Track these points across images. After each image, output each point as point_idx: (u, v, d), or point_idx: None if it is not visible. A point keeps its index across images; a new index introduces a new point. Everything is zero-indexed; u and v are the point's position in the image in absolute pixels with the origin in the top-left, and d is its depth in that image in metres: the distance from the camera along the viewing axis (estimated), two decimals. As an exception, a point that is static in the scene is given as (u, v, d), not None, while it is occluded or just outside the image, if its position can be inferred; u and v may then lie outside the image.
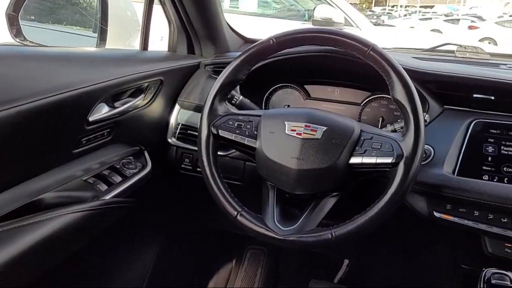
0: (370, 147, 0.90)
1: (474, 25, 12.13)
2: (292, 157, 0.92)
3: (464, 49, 1.44)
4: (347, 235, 0.88)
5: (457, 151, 1.05)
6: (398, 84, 0.90)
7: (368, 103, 1.25)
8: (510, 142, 1.03)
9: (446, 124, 1.10)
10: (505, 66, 1.30)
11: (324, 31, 0.96)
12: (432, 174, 1.02)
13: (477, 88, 1.10)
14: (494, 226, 0.98)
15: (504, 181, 0.99)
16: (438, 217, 1.02)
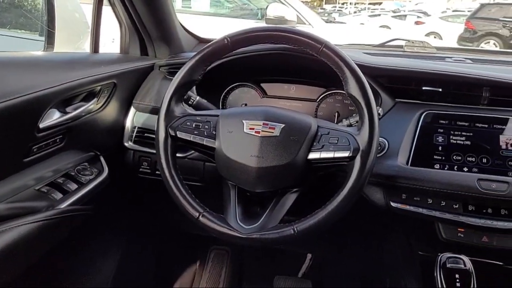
0: (328, 142, 0.92)
1: (420, 20, 12.60)
2: (251, 156, 0.92)
3: (412, 44, 1.50)
4: (309, 229, 0.89)
5: (409, 142, 1.08)
6: (351, 80, 0.92)
7: (323, 99, 1.27)
8: (458, 131, 1.08)
9: (399, 117, 1.14)
10: (450, 59, 1.36)
11: (277, 29, 0.97)
12: (387, 165, 1.05)
13: (426, 80, 1.15)
14: (447, 213, 1.02)
15: (454, 169, 1.04)
16: (395, 206, 1.05)
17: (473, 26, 10.84)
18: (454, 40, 10.96)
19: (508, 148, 1.04)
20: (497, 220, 0.99)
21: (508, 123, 1.08)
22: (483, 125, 1.09)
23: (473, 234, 1.04)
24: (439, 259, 0.90)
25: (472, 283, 0.86)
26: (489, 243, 1.03)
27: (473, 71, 1.16)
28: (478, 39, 10.81)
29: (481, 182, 0.99)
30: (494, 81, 1.10)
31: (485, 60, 1.41)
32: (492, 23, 10.80)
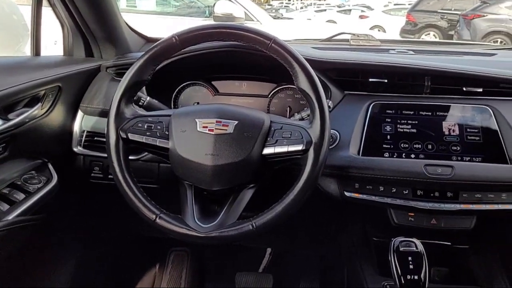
0: (281, 137, 0.93)
1: (364, 14, 12.98)
2: (206, 154, 0.92)
3: (357, 37, 1.55)
4: (267, 224, 0.90)
5: (360, 133, 1.12)
6: (301, 74, 0.93)
7: (275, 95, 1.29)
8: (404, 120, 1.13)
9: (348, 109, 1.17)
10: (394, 51, 1.41)
11: (226, 27, 0.97)
12: (339, 156, 1.08)
13: (372, 72, 1.18)
14: (398, 199, 1.07)
15: (402, 156, 1.08)
16: (349, 196, 1.08)
17: (414, 18, 11.30)
18: (397, 33, 11.37)
19: (451, 133, 1.10)
20: (444, 203, 1.05)
21: (450, 110, 1.13)
22: (427, 113, 1.14)
23: (423, 218, 1.09)
24: (392, 243, 0.94)
25: (424, 264, 0.90)
26: (437, 225, 1.08)
27: (415, 61, 1.21)
28: (419, 31, 11.28)
29: (427, 168, 1.04)
30: (434, 70, 1.16)
31: (426, 51, 1.48)
32: (431, 15, 11.30)
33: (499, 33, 9.76)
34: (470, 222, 1.07)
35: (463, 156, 1.07)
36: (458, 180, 1.02)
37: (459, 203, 1.04)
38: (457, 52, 1.44)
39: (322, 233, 1.56)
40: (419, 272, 0.90)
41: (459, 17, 10.39)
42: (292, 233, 1.58)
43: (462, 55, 1.39)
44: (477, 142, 1.09)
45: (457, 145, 1.08)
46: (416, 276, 0.89)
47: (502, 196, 1.03)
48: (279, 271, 1.77)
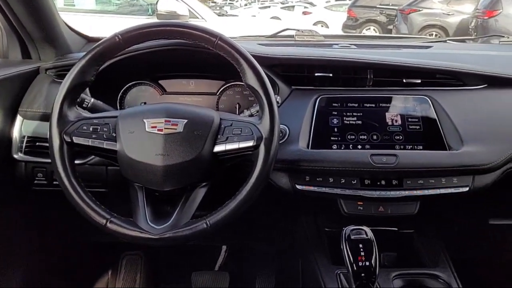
0: (231, 134, 0.94)
1: (307, 10, 13.22)
2: (156, 154, 0.90)
3: (301, 33, 1.57)
4: (221, 221, 0.90)
5: (308, 127, 1.14)
6: (249, 71, 0.94)
7: (223, 92, 1.29)
8: (350, 112, 1.16)
9: (296, 103, 1.19)
10: (337, 45, 1.45)
11: (170, 24, 0.95)
12: (289, 150, 1.09)
13: (317, 67, 1.21)
14: (347, 189, 1.10)
15: (349, 148, 1.11)
16: (300, 189, 1.10)
17: (355, 14, 11.65)
18: (339, 28, 11.68)
19: (394, 124, 1.15)
20: (390, 190, 1.09)
21: (392, 101, 1.18)
22: (371, 105, 1.18)
23: (371, 206, 1.13)
24: (343, 232, 0.96)
25: (374, 250, 0.93)
26: (385, 212, 1.12)
27: (357, 55, 1.25)
28: (360, 25, 11.65)
29: (373, 157, 1.08)
30: (376, 63, 1.20)
31: (368, 45, 1.53)
32: (371, 10, 11.70)
33: (434, 26, 10.26)
34: (414, 208, 1.12)
35: (406, 144, 1.12)
36: (402, 168, 1.07)
37: (404, 190, 1.09)
38: (396, 46, 1.50)
39: (276, 227, 1.58)
40: (370, 258, 0.93)
41: (396, 12, 10.83)
42: (247, 229, 1.59)
43: (401, 48, 1.46)
44: (418, 131, 1.14)
45: (399, 135, 1.13)
46: (367, 262, 0.92)
47: (442, 181, 1.09)
48: (236, 268, 1.77)
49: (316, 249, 1.19)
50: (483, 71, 1.22)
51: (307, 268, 1.23)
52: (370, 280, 0.92)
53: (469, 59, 1.34)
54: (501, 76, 1.21)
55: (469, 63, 1.26)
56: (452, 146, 1.10)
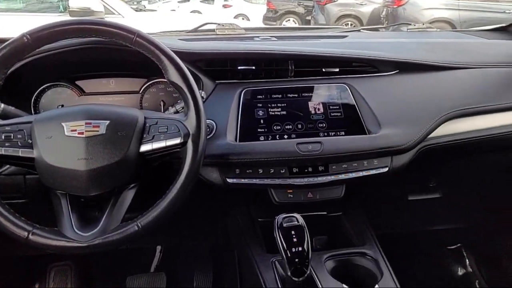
0: (157, 132, 0.92)
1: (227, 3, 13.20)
2: (78, 159, 0.86)
3: (222, 27, 1.57)
4: (153, 222, 0.89)
5: (235, 120, 1.15)
6: (170, 67, 0.93)
7: (146, 90, 1.25)
8: (274, 104, 1.19)
9: (221, 98, 1.19)
10: (258, 38, 1.47)
11: (84, 22, 0.91)
12: (218, 145, 1.10)
13: (240, 60, 1.22)
14: (276, 178, 1.13)
15: (276, 138, 1.14)
16: (231, 182, 1.11)
17: (274, 6, 11.86)
18: (260, 20, 11.81)
19: (317, 112, 1.19)
20: (317, 177, 1.13)
21: (313, 91, 1.22)
22: (294, 95, 1.21)
23: (300, 193, 1.16)
24: (276, 221, 0.99)
25: (306, 235, 0.97)
26: (314, 197, 1.16)
27: (278, 47, 1.28)
28: (280, 17, 11.88)
29: (299, 146, 1.11)
30: (296, 54, 1.24)
31: (288, 37, 1.56)
32: (289, 2, 11.98)
33: (349, 16, 10.74)
34: (340, 191, 1.18)
35: (329, 131, 1.16)
36: (327, 154, 1.11)
37: (330, 175, 1.14)
38: (314, 36, 1.55)
39: (210, 222, 1.58)
40: (302, 244, 0.96)
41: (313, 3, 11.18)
42: (181, 227, 1.57)
43: (319, 38, 1.51)
44: (339, 117, 1.19)
45: (323, 122, 1.17)
46: (300, 247, 0.95)
47: (364, 164, 1.15)
48: (172, 267, 1.75)
49: (250, 240, 1.21)
50: (394, 57, 1.30)
51: (243, 260, 1.24)
52: (304, 265, 0.96)
53: (381, 46, 1.42)
54: (410, 61, 1.30)
55: (382, 51, 1.34)
56: (371, 130, 1.17)
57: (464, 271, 1.97)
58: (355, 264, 1.14)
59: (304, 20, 11.92)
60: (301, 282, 0.96)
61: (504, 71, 1.35)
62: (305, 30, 1.82)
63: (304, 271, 0.96)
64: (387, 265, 1.12)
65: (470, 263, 1.98)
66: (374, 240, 1.20)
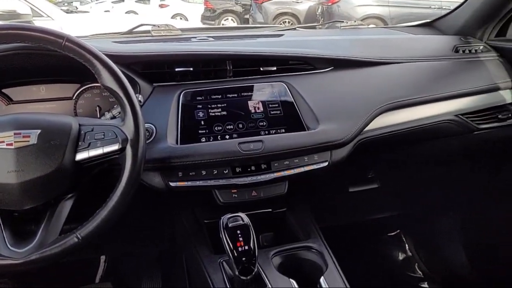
0: (94, 139, 0.90)
1: (164, 3, 12.97)
2: (8, 172, 0.82)
3: (158, 28, 1.55)
4: (94, 232, 0.86)
5: (175, 123, 1.13)
6: (104, 71, 0.90)
7: (80, 95, 1.21)
8: (214, 104, 1.19)
9: (160, 101, 1.17)
10: (195, 39, 1.46)
11: (6, 27, 0.86)
12: (159, 148, 1.08)
13: (177, 62, 1.21)
14: (220, 179, 1.12)
15: (217, 139, 1.14)
16: (174, 186, 1.10)
17: (212, 5, 11.82)
18: (199, 20, 11.73)
19: (257, 111, 1.20)
20: (260, 175, 1.14)
21: (252, 90, 1.23)
22: (233, 95, 1.22)
23: (245, 192, 1.17)
24: (221, 222, 0.99)
25: (251, 233, 0.98)
26: (258, 196, 1.18)
27: (215, 48, 1.28)
28: (218, 16, 11.86)
29: (241, 145, 1.12)
30: (233, 54, 1.25)
31: (225, 36, 1.57)
32: (226, 1, 11.98)
33: (286, 14, 10.93)
34: (284, 187, 1.20)
35: (269, 129, 1.18)
36: (268, 152, 1.13)
37: (272, 172, 1.15)
38: (251, 36, 1.57)
39: (155, 227, 1.55)
40: (249, 242, 0.97)
41: (251, 1, 11.26)
42: (125, 235, 1.53)
43: (256, 38, 1.52)
44: (279, 115, 1.21)
45: (263, 121, 1.19)
46: (246, 246, 0.96)
47: (305, 159, 1.18)
48: (118, 277, 1.70)
49: (197, 242, 1.20)
50: (329, 55, 1.33)
51: (191, 263, 1.23)
52: (251, 263, 0.96)
53: (316, 44, 1.46)
54: (344, 58, 1.34)
55: (317, 48, 1.37)
56: (310, 126, 1.20)
57: (404, 256, 2.08)
58: (301, 258, 1.17)
59: (242, 19, 11.98)
60: (249, 280, 0.97)
61: (430, 65, 1.44)
62: (242, 29, 1.83)
63: (252, 269, 0.97)
64: (332, 256, 1.15)
65: (409, 247, 2.10)
66: (319, 233, 1.24)
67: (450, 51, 1.51)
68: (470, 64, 1.48)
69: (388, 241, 2.12)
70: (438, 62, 1.46)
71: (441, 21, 1.75)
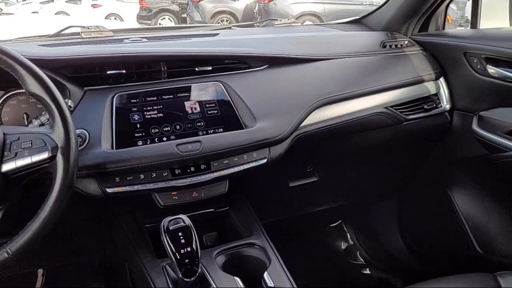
0: (21, 148, 0.86)
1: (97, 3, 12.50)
2: None
3: (88, 30, 1.49)
4: (25, 246, 0.82)
5: (109, 127, 1.10)
6: (28, 77, 0.86)
7: (5, 103, 1.14)
8: (150, 106, 1.17)
9: (92, 105, 1.13)
10: (128, 40, 1.43)
11: None
12: (93, 154, 1.05)
13: (108, 65, 1.18)
14: (159, 182, 1.11)
15: (155, 141, 1.12)
16: (111, 192, 1.07)
17: (147, 4, 11.56)
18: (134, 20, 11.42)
19: (194, 111, 1.20)
20: (200, 175, 1.14)
21: (189, 90, 1.23)
22: (169, 96, 1.20)
23: (185, 194, 1.16)
24: (162, 225, 0.98)
25: (193, 235, 0.97)
26: (199, 196, 1.17)
27: (148, 49, 1.26)
28: (154, 16, 11.62)
29: (179, 147, 1.11)
30: (167, 55, 1.23)
31: (160, 37, 1.54)
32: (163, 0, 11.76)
33: (223, 12, 10.92)
34: (224, 187, 1.20)
35: (207, 129, 1.18)
36: (207, 152, 1.13)
37: (212, 172, 1.15)
38: (186, 35, 1.55)
39: (95, 235, 1.50)
40: (191, 244, 0.96)
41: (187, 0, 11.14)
42: (62, 245, 1.47)
43: (191, 37, 1.51)
44: (216, 115, 1.21)
45: (201, 121, 1.18)
46: (189, 247, 0.96)
47: (244, 157, 1.19)
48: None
49: (139, 248, 1.18)
50: (263, 53, 1.36)
51: (133, 269, 1.21)
52: (194, 264, 0.96)
53: (251, 43, 1.47)
54: (278, 56, 1.37)
55: (252, 47, 1.39)
56: (247, 125, 1.21)
57: (346, 245, 2.16)
58: (245, 255, 1.18)
59: (180, 18, 11.82)
60: (193, 282, 0.97)
61: (359, 60, 1.50)
62: (177, 29, 1.80)
63: (195, 271, 0.97)
64: (274, 251, 1.17)
65: (351, 236, 2.18)
66: (261, 229, 1.25)
67: (378, 47, 1.58)
68: (396, 59, 1.56)
69: (331, 232, 2.19)
70: (367, 58, 1.52)
71: (369, 17, 1.83)
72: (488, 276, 1.13)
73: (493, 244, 1.54)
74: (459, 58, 1.50)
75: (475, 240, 1.59)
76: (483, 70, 1.43)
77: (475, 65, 1.45)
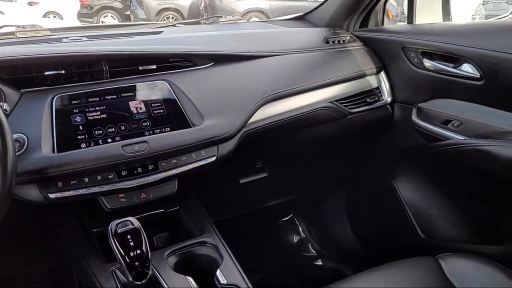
0: None
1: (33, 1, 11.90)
2: None
3: (23, 29, 1.43)
4: None
5: (49, 130, 1.06)
6: None
7: None
8: (92, 108, 1.13)
9: (30, 108, 1.09)
10: (67, 39, 1.38)
11: None
12: (33, 159, 1.00)
13: (45, 65, 1.13)
14: (104, 185, 1.08)
15: (99, 143, 1.09)
16: (54, 197, 1.03)
17: (88, 2, 11.15)
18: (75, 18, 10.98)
19: (139, 111, 1.17)
20: (147, 176, 1.12)
21: (133, 90, 1.20)
22: (112, 96, 1.17)
23: (133, 195, 1.14)
24: (109, 228, 0.95)
25: (143, 237, 0.96)
26: (148, 197, 1.15)
27: (88, 48, 1.22)
28: (96, 13, 11.24)
29: (125, 148, 1.08)
30: (108, 54, 1.20)
31: (101, 36, 1.49)
32: (104, -3, 11.40)
33: (169, 9, 10.75)
34: (173, 186, 1.19)
35: (154, 129, 1.16)
36: (154, 152, 1.11)
37: (160, 172, 1.13)
38: (128, 34, 1.52)
39: (40, 243, 1.44)
40: (140, 246, 0.95)
41: (131, -3, 10.87)
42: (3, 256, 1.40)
43: (133, 36, 1.48)
44: (163, 114, 1.19)
45: (146, 121, 1.16)
46: (138, 250, 0.94)
47: (193, 156, 1.18)
48: None
49: (86, 253, 1.14)
50: (208, 50, 1.35)
51: (82, 276, 1.17)
52: (145, 266, 0.95)
53: (196, 40, 1.46)
54: (222, 53, 1.37)
55: (196, 45, 1.38)
56: (195, 123, 1.20)
57: (298, 238, 2.20)
58: (196, 254, 1.17)
59: (123, 16, 11.50)
60: (144, 284, 0.95)
61: (304, 56, 1.53)
62: (119, 27, 1.76)
63: (146, 273, 0.95)
64: (226, 248, 1.17)
65: (303, 229, 2.22)
66: (212, 227, 1.25)
67: (321, 42, 1.61)
68: (339, 54, 1.60)
69: (283, 226, 2.22)
70: (311, 53, 1.55)
71: (312, 14, 1.87)
72: (430, 259, 1.19)
73: (435, 228, 1.62)
74: (398, 52, 1.56)
75: (418, 226, 1.67)
76: (420, 63, 1.49)
77: (413, 59, 1.52)
